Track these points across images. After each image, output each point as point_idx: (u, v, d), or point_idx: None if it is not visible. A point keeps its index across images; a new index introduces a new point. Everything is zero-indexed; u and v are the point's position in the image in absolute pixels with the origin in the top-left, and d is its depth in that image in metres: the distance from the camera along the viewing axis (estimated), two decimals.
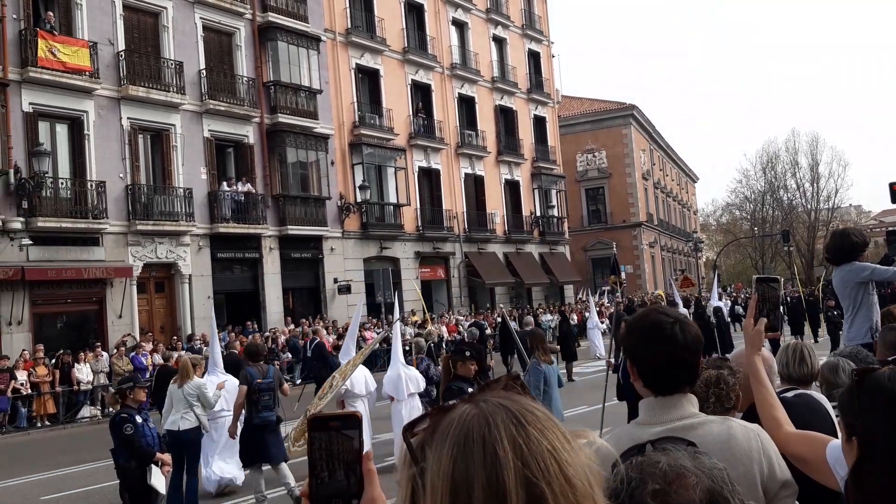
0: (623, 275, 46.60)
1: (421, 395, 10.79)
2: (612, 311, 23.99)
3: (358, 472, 1.09)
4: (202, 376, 9.75)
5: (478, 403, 0.92)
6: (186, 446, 9.10)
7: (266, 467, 9.50)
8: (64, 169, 22.23)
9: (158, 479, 7.50)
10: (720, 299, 27.48)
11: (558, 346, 19.89)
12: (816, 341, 21.20)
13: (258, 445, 9.26)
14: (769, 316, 2.60)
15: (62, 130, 22.48)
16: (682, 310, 23.09)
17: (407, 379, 10.53)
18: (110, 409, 16.64)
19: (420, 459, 0.90)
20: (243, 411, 9.40)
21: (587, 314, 32.54)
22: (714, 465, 1.30)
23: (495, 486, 0.84)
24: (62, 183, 21.83)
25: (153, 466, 7.47)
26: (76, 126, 22.54)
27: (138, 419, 7.52)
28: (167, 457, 7.75)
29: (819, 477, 2.31)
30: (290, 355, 24.28)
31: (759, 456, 2.14)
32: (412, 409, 10.30)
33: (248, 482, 10.01)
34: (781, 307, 3.34)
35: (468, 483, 0.85)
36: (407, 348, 15.14)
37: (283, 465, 9.30)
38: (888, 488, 1.69)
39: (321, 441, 1.09)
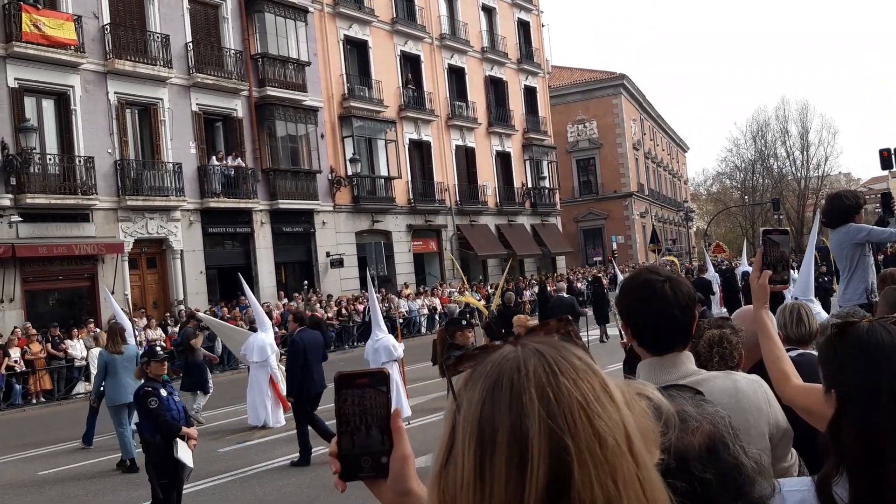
0: (615, 245, 46.72)
1: None
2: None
3: (388, 429, 1.07)
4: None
5: (517, 346, 0.90)
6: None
7: None
8: (51, 145, 22.02)
9: (185, 453, 7.27)
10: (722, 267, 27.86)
11: (588, 311, 19.96)
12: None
13: None
14: (776, 268, 2.56)
15: (48, 106, 22.23)
16: (713, 275, 23.04)
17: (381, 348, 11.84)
18: None
19: (458, 396, 0.90)
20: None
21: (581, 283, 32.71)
22: (717, 412, 1.32)
23: (519, 433, 0.83)
24: (50, 159, 21.63)
25: (179, 440, 7.21)
26: (63, 101, 22.29)
27: (163, 392, 7.26)
28: (193, 431, 7.47)
29: (824, 427, 2.36)
30: (283, 329, 24.20)
31: (766, 406, 2.20)
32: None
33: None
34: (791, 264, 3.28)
35: (493, 427, 0.84)
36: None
37: None
38: (860, 442, 1.71)
39: (352, 398, 1.07)
